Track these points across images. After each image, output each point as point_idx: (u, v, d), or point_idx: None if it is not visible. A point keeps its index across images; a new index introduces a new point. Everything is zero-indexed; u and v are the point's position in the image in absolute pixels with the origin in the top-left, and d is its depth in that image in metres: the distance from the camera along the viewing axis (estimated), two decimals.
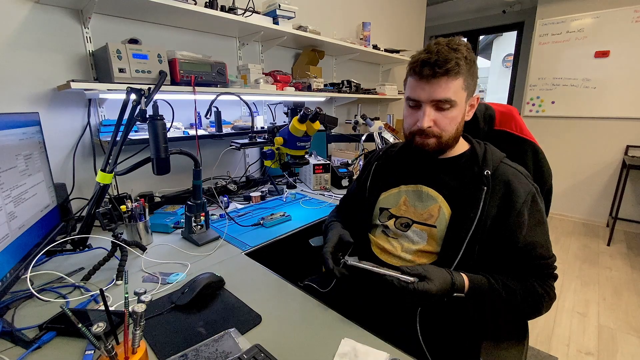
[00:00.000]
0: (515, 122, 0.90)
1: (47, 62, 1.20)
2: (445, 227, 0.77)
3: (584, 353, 1.59)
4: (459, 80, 0.72)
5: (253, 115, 1.41)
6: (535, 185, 0.76)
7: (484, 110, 0.92)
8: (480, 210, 0.73)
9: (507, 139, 0.90)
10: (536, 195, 0.75)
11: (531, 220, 0.73)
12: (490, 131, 0.92)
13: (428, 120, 0.74)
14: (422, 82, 0.72)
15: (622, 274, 2.31)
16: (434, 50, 0.71)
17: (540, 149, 0.89)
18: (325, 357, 0.61)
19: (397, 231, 0.85)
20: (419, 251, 0.80)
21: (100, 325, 0.48)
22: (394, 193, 0.88)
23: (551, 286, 0.73)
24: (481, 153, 0.80)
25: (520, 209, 0.72)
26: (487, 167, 0.76)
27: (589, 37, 3.01)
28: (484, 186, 0.74)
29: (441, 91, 0.71)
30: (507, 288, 0.70)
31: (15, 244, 0.76)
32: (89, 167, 1.35)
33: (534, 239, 0.72)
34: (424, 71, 0.71)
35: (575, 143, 3.25)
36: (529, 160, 0.89)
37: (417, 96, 0.74)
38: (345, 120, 2.62)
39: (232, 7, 1.52)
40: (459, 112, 0.75)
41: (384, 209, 0.89)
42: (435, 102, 0.73)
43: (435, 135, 0.76)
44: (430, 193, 0.82)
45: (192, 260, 0.99)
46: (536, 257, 0.72)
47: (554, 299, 0.73)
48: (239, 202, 1.59)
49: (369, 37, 2.44)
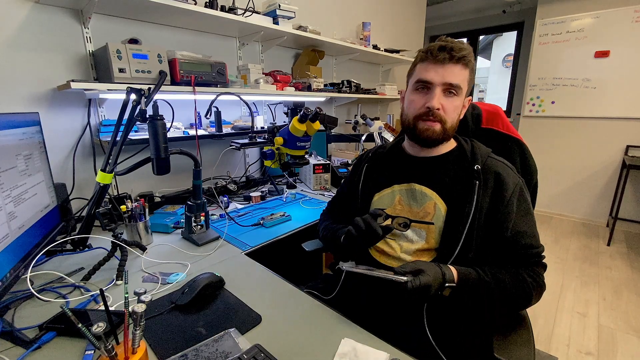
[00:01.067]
0: (501, 120, 0.94)
1: (47, 62, 1.20)
2: (443, 223, 0.78)
3: (584, 353, 1.59)
4: (467, 71, 0.76)
5: (253, 115, 1.41)
6: (521, 177, 0.80)
7: (471, 109, 0.95)
8: (475, 203, 0.75)
9: (494, 136, 0.93)
10: (523, 187, 0.78)
11: (519, 210, 0.76)
12: (478, 129, 0.95)
13: (437, 101, 0.75)
14: (437, 65, 0.75)
15: (622, 274, 2.31)
16: (449, 41, 0.75)
17: (526, 146, 0.92)
18: (325, 357, 0.61)
19: (395, 231, 0.84)
20: (419, 250, 0.81)
21: (100, 325, 0.48)
22: (387, 193, 0.88)
23: (540, 275, 0.75)
24: (469, 149, 0.82)
25: (509, 200, 0.75)
26: (476, 162, 0.79)
27: (589, 37, 3.01)
28: (476, 180, 0.76)
29: (454, 76, 0.74)
30: (496, 278, 0.72)
31: (15, 244, 0.76)
32: (89, 167, 1.35)
33: (521, 228, 0.75)
34: (440, 55, 0.74)
35: (575, 143, 3.25)
36: (516, 156, 0.92)
37: (431, 78, 0.75)
38: (345, 120, 2.62)
39: (232, 7, 1.52)
40: (460, 102, 0.79)
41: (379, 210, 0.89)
42: (446, 86, 0.75)
43: (441, 120, 0.77)
44: (424, 191, 0.83)
45: (192, 260, 0.99)
46: (524, 246, 0.75)
47: (543, 287, 0.75)
48: (239, 202, 1.59)
49: (369, 37, 2.44)
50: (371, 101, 2.95)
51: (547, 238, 2.92)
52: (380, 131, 1.97)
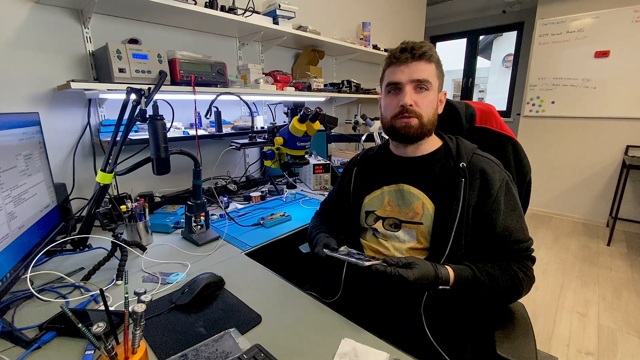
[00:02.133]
0: (495, 119, 0.95)
1: (47, 62, 1.20)
2: (431, 222, 0.79)
3: (584, 353, 1.59)
4: (433, 65, 0.79)
5: (253, 115, 1.41)
6: (507, 172, 0.81)
7: (464, 108, 0.95)
8: (462, 201, 0.76)
9: (488, 135, 0.94)
10: (509, 182, 0.79)
11: (506, 206, 0.76)
12: (472, 128, 0.95)
13: (409, 98, 0.78)
14: (402, 65, 0.79)
15: (622, 274, 2.31)
16: (409, 42, 0.80)
17: (519, 144, 0.93)
18: (325, 357, 0.61)
19: (387, 232, 0.86)
20: (410, 249, 0.83)
21: (100, 325, 0.48)
22: (377, 195, 0.90)
23: (529, 267, 0.76)
24: (454, 147, 0.83)
25: (496, 196, 0.75)
26: (461, 159, 0.79)
27: (589, 37, 3.01)
28: (461, 178, 0.77)
29: (420, 72, 0.78)
30: (490, 275, 0.73)
31: (15, 244, 0.76)
32: (89, 167, 1.35)
33: (510, 224, 0.75)
34: (403, 55, 0.78)
35: (575, 143, 3.25)
36: (509, 155, 0.93)
37: (399, 78, 0.79)
38: (345, 120, 2.62)
39: (232, 7, 1.52)
40: (434, 97, 0.81)
41: (369, 212, 0.90)
42: (415, 83, 0.78)
43: (416, 115, 0.79)
44: (412, 191, 0.84)
45: (192, 260, 0.99)
46: (514, 241, 0.75)
47: (533, 280, 0.76)
48: (239, 202, 1.59)
49: (369, 37, 2.44)
50: (371, 101, 2.95)
51: (547, 238, 2.92)
52: (380, 131, 1.97)
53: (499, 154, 0.89)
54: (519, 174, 0.92)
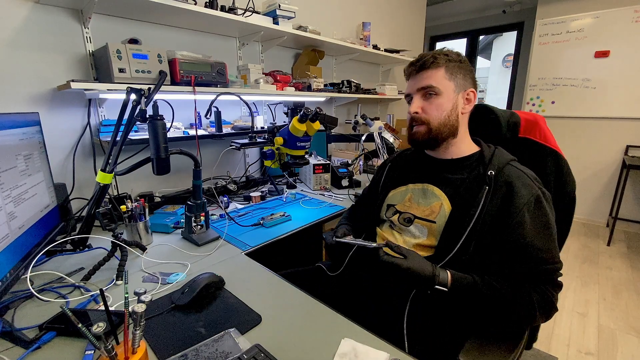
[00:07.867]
0: (539, 130, 0.90)
1: (47, 62, 1.20)
2: (444, 222, 0.80)
3: (584, 353, 1.59)
4: (440, 70, 0.81)
5: (253, 115, 1.41)
6: (544, 189, 0.76)
7: (508, 117, 0.92)
8: (480, 208, 0.75)
9: (530, 147, 0.90)
10: (541, 198, 0.74)
11: (534, 222, 0.72)
12: (514, 138, 0.92)
13: (416, 107, 0.83)
14: (412, 78, 0.86)
15: (622, 274, 2.31)
16: (417, 56, 0.85)
17: (563, 159, 0.88)
18: (325, 357, 0.61)
19: (401, 226, 0.89)
20: (418, 245, 0.85)
21: (100, 325, 0.48)
22: (401, 191, 0.94)
23: (550, 291, 0.71)
24: (489, 155, 0.82)
25: (520, 210, 0.72)
26: (491, 167, 0.78)
27: (589, 37, 3.01)
28: (485, 185, 0.76)
29: (425, 79, 0.82)
30: (494, 289, 0.70)
31: (15, 244, 0.76)
32: (89, 167, 1.35)
33: (534, 241, 0.71)
34: (411, 69, 0.85)
35: (575, 143, 3.25)
36: (549, 169, 0.88)
37: (409, 90, 0.86)
38: (345, 120, 2.62)
39: (232, 7, 1.52)
40: (445, 100, 0.81)
41: (390, 205, 0.94)
42: (420, 91, 0.83)
43: (423, 123, 0.83)
44: (435, 191, 0.86)
45: (192, 260, 0.99)
46: (537, 261, 0.71)
47: (552, 306, 0.71)
48: (239, 202, 1.59)
49: (369, 37, 2.44)
50: (371, 101, 2.95)
51: None
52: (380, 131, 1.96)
53: (538, 167, 0.85)
54: (559, 191, 0.86)
